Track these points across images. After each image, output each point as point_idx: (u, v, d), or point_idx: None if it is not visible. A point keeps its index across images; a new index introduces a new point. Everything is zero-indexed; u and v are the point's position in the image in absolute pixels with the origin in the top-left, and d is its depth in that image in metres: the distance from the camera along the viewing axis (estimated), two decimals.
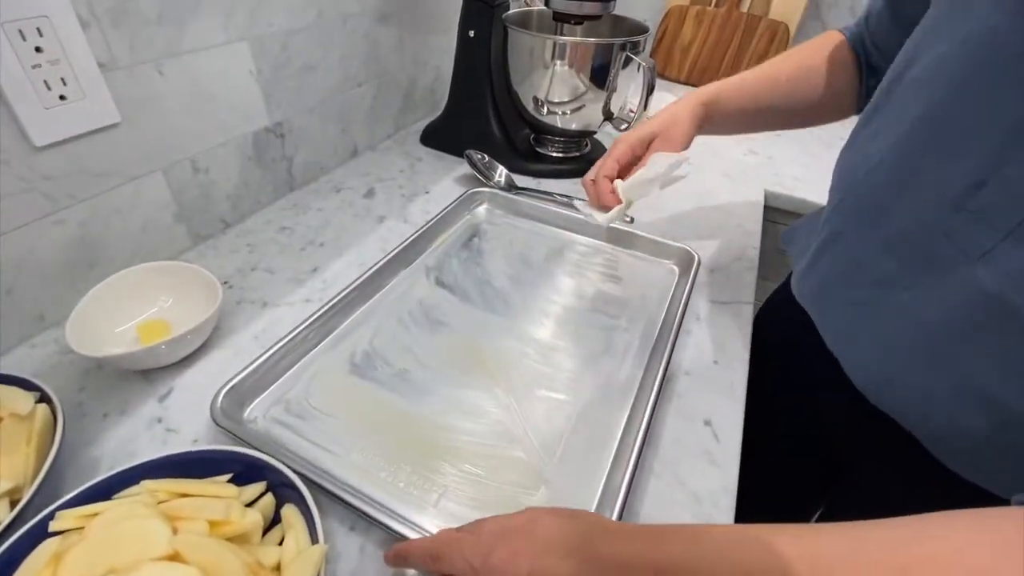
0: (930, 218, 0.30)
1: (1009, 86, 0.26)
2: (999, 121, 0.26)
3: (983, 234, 0.27)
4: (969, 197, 0.28)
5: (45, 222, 0.42)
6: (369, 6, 0.66)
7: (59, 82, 0.39)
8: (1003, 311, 0.26)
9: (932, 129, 0.30)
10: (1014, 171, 0.26)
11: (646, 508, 0.34)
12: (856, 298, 0.36)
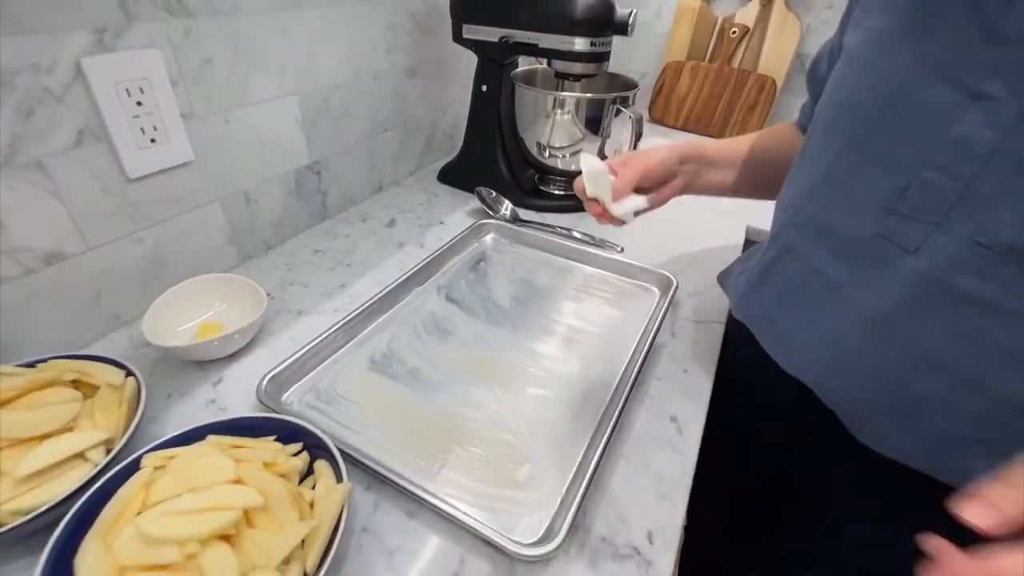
0: (869, 224, 0.35)
1: (914, 110, 0.32)
2: (910, 137, 0.33)
3: (915, 230, 0.33)
4: (898, 201, 0.33)
5: (128, 239, 0.51)
6: (398, 64, 0.77)
7: (151, 128, 0.49)
8: (942, 288, 0.32)
9: (857, 153, 0.37)
10: (930, 174, 0.32)
11: (614, 485, 0.40)
12: (810, 302, 0.40)
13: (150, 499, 0.30)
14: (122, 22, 0.45)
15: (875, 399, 0.37)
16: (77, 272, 0.48)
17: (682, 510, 0.39)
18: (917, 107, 0.32)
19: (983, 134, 0.29)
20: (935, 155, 0.31)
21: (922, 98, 0.32)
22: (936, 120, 0.31)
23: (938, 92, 0.31)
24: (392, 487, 0.37)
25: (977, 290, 0.30)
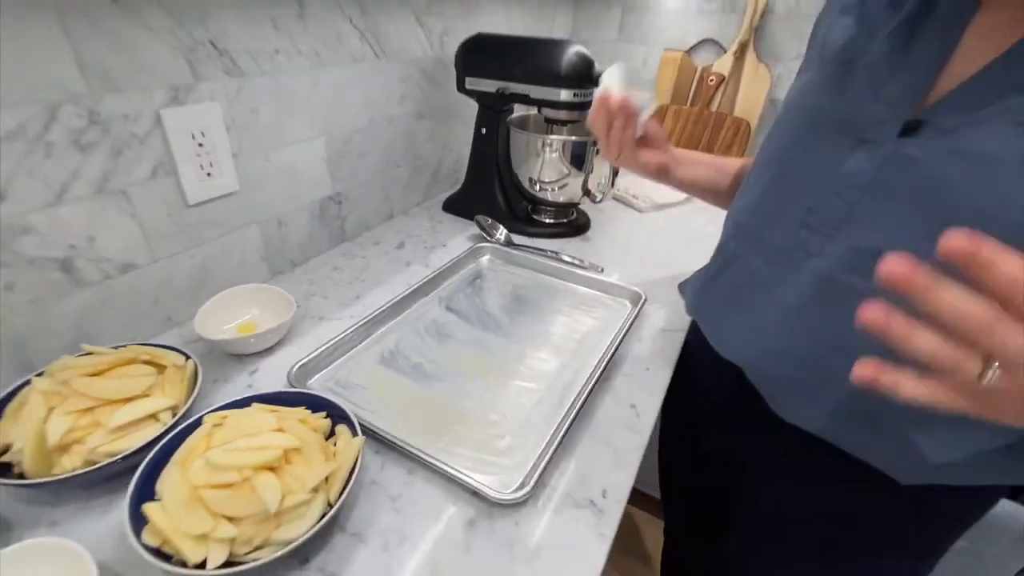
0: (788, 236, 0.44)
1: (820, 149, 0.42)
2: (817, 170, 0.43)
3: (818, 239, 0.42)
4: (808, 218, 0.43)
5: (184, 254, 0.62)
6: (409, 110, 0.90)
7: (208, 164, 0.60)
8: (835, 284, 0.40)
9: (783, 181, 0.46)
10: (829, 198, 0.41)
11: (578, 454, 0.49)
12: (745, 299, 0.49)
13: (212, 443, 0.39)
14: (192, 82, 0.57)
15: (790, 377, 0.46)
16: (143, 280, 0.58)
17: (633, 473, 0.47)
18: (823, 147, 0.43)
19: (864, 169, 0.39)
20: (832, 184, 0.41)
21: (826, 140, 0.42)
22: (834, 157, 0.41)
23: (838, 136, 0.41)
24: (396, 450, 0.46)
25: (858, 285, 0.40)
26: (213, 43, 0.57)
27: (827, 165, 0.41)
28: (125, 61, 0.50)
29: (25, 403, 0.41)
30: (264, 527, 0.35)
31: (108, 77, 0.50)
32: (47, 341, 0.51)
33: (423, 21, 0.86)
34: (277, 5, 0.62)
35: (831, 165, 0.41)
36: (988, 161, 0.32)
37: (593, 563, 0.40)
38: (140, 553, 0.34)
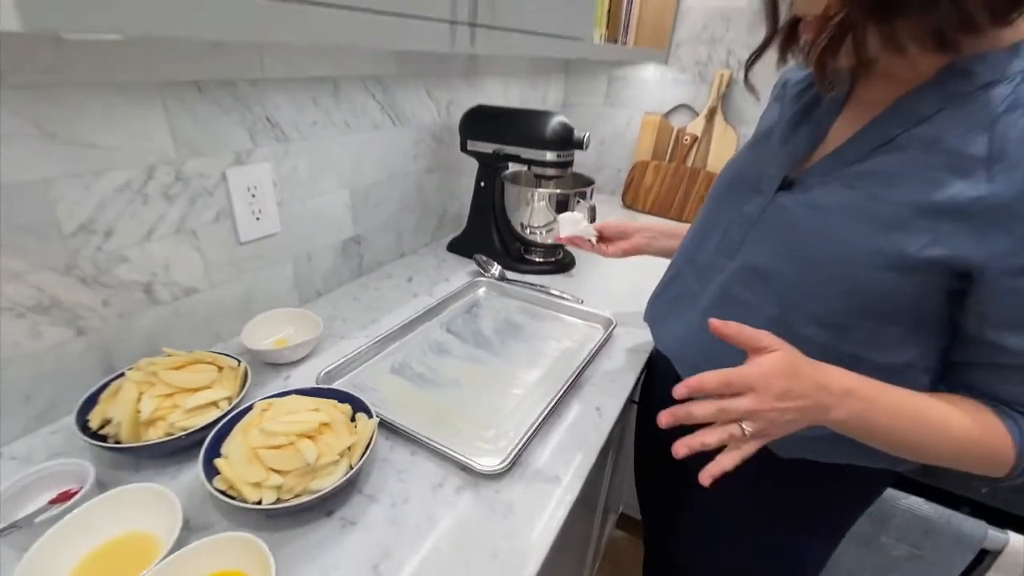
0: (709, 258, 0.57)
1: (733, 194, 0.56)
2: (729, 209, 0.56)
3: (723, 261, 0.55)
4: (720, 245, 0.56)
5: (233, 284, 0.75)
6: (420, 166, 1.06)
7: (258, 211, 0.75)
8: (729, 293, 0.53)
9: (712, 216, 0.60)
10: (733, 230, 0.55)
11: (550, 443, 0.60)
12: (680, 306, 0.61)
13: (264, 420, 0.51)
14: (250, 147, 0.72)
15: (701, 366, 0.57)
16: (201, 302, 0.72)
17: (593, 457, 0.58)
18: (736, 196, 0.56)
19: (755, 211, 0.53)
20: (736, 220, 0.55)
21: (739, 191, 0.56)
22: (740, 203, 0.55)
23: (746, 189, 0.55)
24: (402, 436, 0.58)
25: (740, 294, 0.52)
26: (268, 118, 0.73)
27: (736, 208, 0.55)
28: (204, 133, 0.66)
29: (119, 390, 0.54)
30: (303, 479, 0.47)
31: (192, 145, 0.65)
32: (126, 347, 0.64)
33: (432, 94, 1.04)
34: (318, 87, 0.79)
35: (738, 208, 0.55)
36: (822, 210, 0.45)
37: (554, 521, 0.51)
38: (214, 494, 0.45)
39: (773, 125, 0.56)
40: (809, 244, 0.46)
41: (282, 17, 0.37)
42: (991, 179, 0.38)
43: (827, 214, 0.45)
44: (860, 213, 0.44)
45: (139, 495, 0.46)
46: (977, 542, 0.82)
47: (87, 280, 0.58)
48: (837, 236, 0.44)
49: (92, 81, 0.54)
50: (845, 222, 0.45)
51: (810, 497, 0.58)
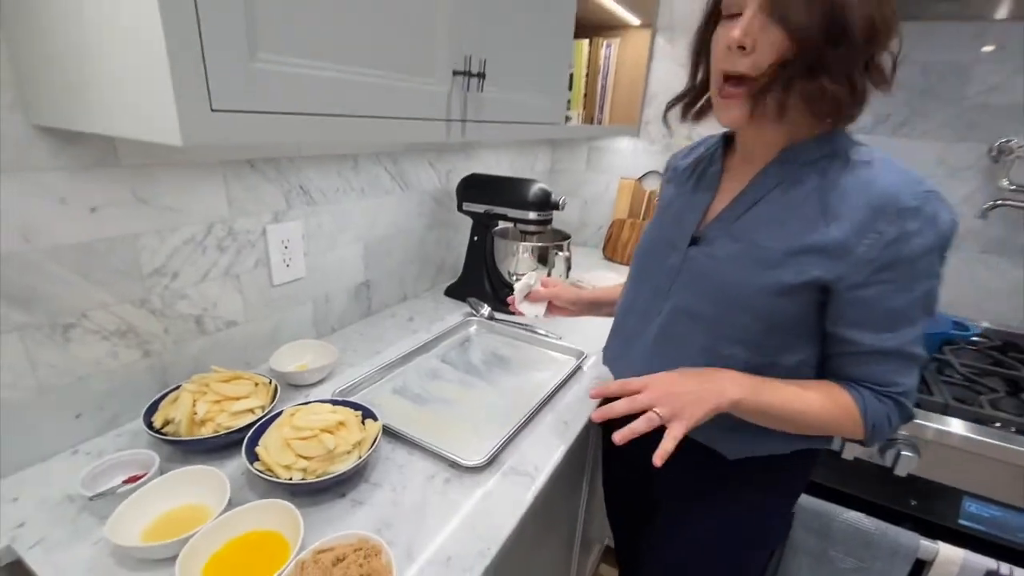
0: (646, 303, 0.71)
1: (656, 253, 0.71)
2: (657, 264, 0.71)
3: (658, 304, 0.69)
4: (654, 294, 0.72)
5: (264, 319, 0.91)
6: (424, 224, 1.24)
7: (288, 260, 0.92)
8: (665, 331, 0.67)
9: (643, 272, 0.75)
10: (663, 279, 0.70)
11: (523, 448, 0.73)
12: (630, 347, 0.75)
13: (293, 420, 0.64)
14: (285, 208, 0.90)
15: None
16: (239, 333, 0.87)
17: (558, 458, 0.71)
18: (658, 254, 0.72)
19: (676, 263, 0.68)
20: (664, 272, 0.70)
21: (660, 250, 0.72)
22: (664, 258, 0.71)
23: (665, 247, 0.71)
24: (402, 440, 0.71)
25: (675, 331, 0.67)
26: (301, 186, 0.91)
27: (661, 262, 0.71)
28: (251, 198, 0.84)
29: (178, 398, 0.68)
30: (323, 463, 0.60)
31: (241, 207, 0.82)
32: (177, 368, 0.78)
33: (434, 165, 1.23)
34: (342, 162, 0.98)
35: (662, 262, 0.70)
36: (721, 259, 0.61)
37: (523, 504, 0.63)
38: (255, 473, 0.58)
39: (672, 199, 0.73)
40: (718, 286, 0.61)
41: (319, 125, 0.55)
42: (827, 227, 0.55)
43: (725, 262, 0.61)
44: (747, 259, 0.60)
45: (195, 475, 0.59)
46: (912, 552, 0.92)
47: (155, 312, 0.74)
48: (735, 278, 0.59)
49: (176, 162, 0.72)
50: (739, 267, 0.60)
51: (749, 484, 0.69)
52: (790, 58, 0.51)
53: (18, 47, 0.54)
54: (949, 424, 0.90)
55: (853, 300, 0.55)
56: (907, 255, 0.53)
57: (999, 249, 1.29)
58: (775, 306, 0.58)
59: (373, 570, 0.49)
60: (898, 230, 0.53)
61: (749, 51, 0.52)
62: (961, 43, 1.22)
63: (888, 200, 0.53)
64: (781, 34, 0.51)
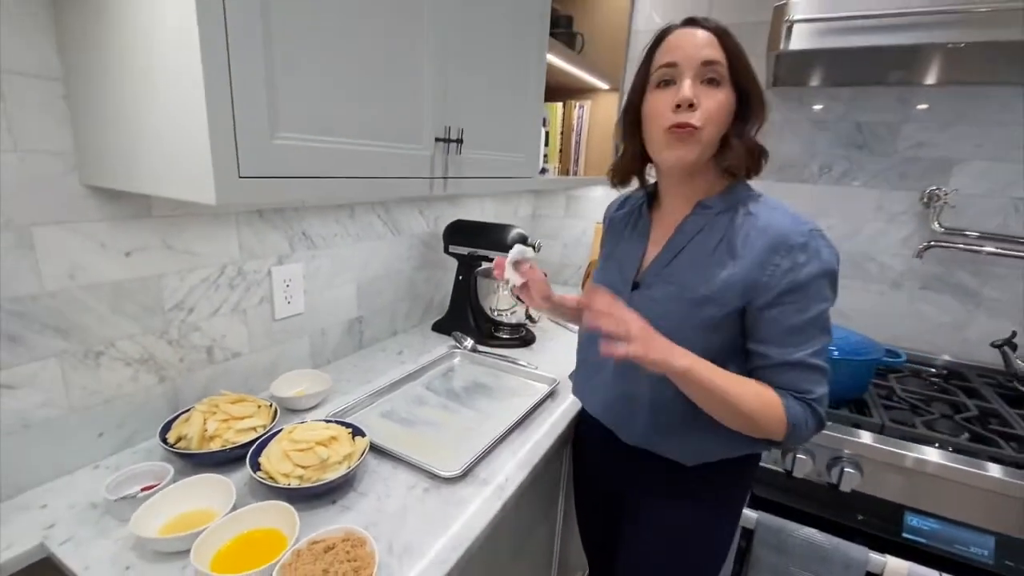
0: (585, 338, 0.83)
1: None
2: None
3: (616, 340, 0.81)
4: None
5: (266, 350, 1.00)
6: (413, 265, 1.35)
7: (290, 297, 1.03)
8: (622, 368, 0.77)
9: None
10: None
11: (493, 464, 0.81)
12: (595, 378, 0.85)
13: (292, 435, 0.74)
14: (289, 252, 1.02)
15: (615, 415, 0.81)
16: (242, 363, 0.96)
17: (525, 473, 0.80)
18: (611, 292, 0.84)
19: (623, 298, 0.80)
20: None
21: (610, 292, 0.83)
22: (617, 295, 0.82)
23: (614, 290, 0.82)
24: (388, 456, 0.80)
25: (631, 366, 0.77)
26: (303, 232, 1.04)
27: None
28: (260, 242, 0.95)
29: (190, 418, 0.77)
30: (317, 472, 0.69)
31: (250, 251, 0.94)
32: (188, 393, 0.88)
33: (423, 212, 1.37)
34: (340, 211, 1.11)
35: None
36: (659, 301, 0.72)
37: (494, 509, 0.71)
38: (258, 480, 0.67)
39: (613, 248, 0.85)
40: (660, 323, 0.72)
41: (324, 186, 0.67)
42: (735, 266, 0.67)
43: (662, 303, 0.72)
44: (680, 300, 0.71)
45: (204, 482, 0.68)
46: (862, 566, 0.98)
47: (172, 342, 0.84)
48: (674, 316, 0.70)
49: (198, 213, 0.84)
50: (675, 306, 0.71)
51: (703, 483, 0.78)
52: (726, 113, 0.66)
53: (81, 122, 0.66)
54: (885, 443, 0.99)
55: (762, 320, 0.67)
56: (800, 282, 0.65)
57: (938, 286, 1.42)
58: (709, 336, 0.69)
59: (358, 557, 0.57)
60: (791, 262, 0.65)
61: (696, 106, 0.65)
62: (889, 105, 1.39)
63: (781, 239, 0.65)
64: (715, 97, 0.65)
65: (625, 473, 0.87)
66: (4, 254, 0.63)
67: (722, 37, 0.65)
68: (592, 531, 1.04)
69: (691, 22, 0.68)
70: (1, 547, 0.60)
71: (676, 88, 0.66)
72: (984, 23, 0.94)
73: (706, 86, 0.65)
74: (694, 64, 0.65)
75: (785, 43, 1.05)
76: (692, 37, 0.65)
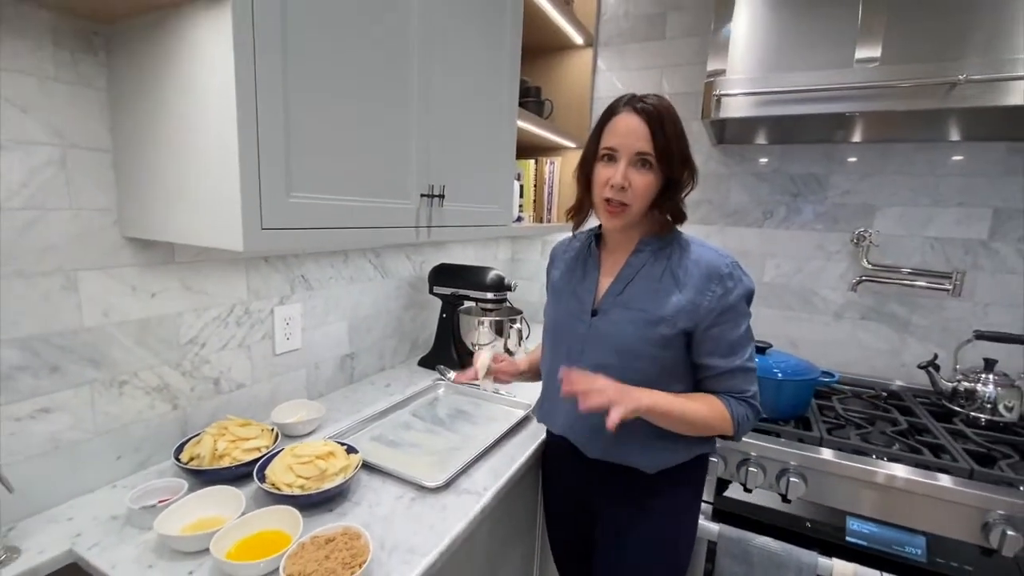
0: (566, 363, 0.95)
1: (564, 324, 0.96)
2: (568, 332, 0.95)
3: (576, 362, 0.91)
4: (569, 353, 0.93)
5: (266, 382, 1.11)
6: (400, 304, 1.48)
7: (289, 334, 1.14)
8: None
9: (557, 340, 0.98)
10: (576, 343, 0.92)
11: (474, 476, 0.91)
12: (556, 399, 0.98)
13: (294, 452, 0.83)
14: (289, 293, 1.14)
15: (584, 434, 0.92)
16: (245, 394, 1.06)
17: (502, 483, 0.90)
18: (567, 325, 0.97)
19: (583, 330, 0.93)
20: (576, 337, 0.94)
21: (569, 321, 0.96)
22: (575, 327, 0.95)
23: (573, 319, 0.95)
24: (378, 472, 0.90)
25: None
26: (303, 276, 1.16)
27: (571, 332, 0.94)
28: (264, 284, 1.08)
29: (200, 440, 0.87)
30: (317, 482, 0.79)
31: (256, 292, 1.06)
32: (196, 420, 0.97)
33: (410, 256, 1.51)
34: (335, 257, 1.24)
35: (573, 331, 0.94)
36: (617, 324, 0.86)
37: (473, 513, 0.81)
38: (264, 490, 0.76)
39: (565, 283, 0.98)
40: (620, 343, 0.85)
41: (328, 235, 0.81)
42: (681, 293, 0.81)
43: (620, 325, 0.86)
44: (636, 323, 0.85)
45: (216, 493, 0.77)
46: (812, 569, 1.07)
47: (186, 373, 0.94)
48: (631, 336, 0.84)
49: (214, 259, 0.96)
50: (632, 328, 0.85)
51: (658, 493, 0.89)
52: (653, 191, 0.81)
53: (124, 185, 0.80)
54: (822, 453, 1.11)
55: (706, 338, 0.81)
56: (731, 304, 0.80)
57: (875, 316, 1.58)
58: (662, 352, 0.83)
59: (355, 547, 0.66)
60: (723, 288, 0.80)
61: (627, 188, 0.81)
62: (817, 159, 1.60)
63: (713, 270, 0.80)
64: (644, 179, 0.80)
65: (591, 485, 0.97)
66: (54, 295, 0.75)
67: (654, 126, 0.79)
68: (562, 544, 1.13)
69: (633, 104, 0.82)
70: (35, 553, 0.68)
71: (614, 168, 0.82)
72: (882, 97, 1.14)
73: (637, 168, 0.81)
74: (630, 153, 0.80)
75: (715, 112, 1.25)
76: (632, 126, 0.80)
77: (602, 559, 0.97)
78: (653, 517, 0.91)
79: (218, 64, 0.64)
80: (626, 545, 0.93)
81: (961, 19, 1.06)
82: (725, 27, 1.25)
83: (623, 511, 0.93)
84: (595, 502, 0.98)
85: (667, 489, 0.90)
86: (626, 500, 0.92)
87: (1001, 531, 0.97)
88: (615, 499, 0.94)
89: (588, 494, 0.98)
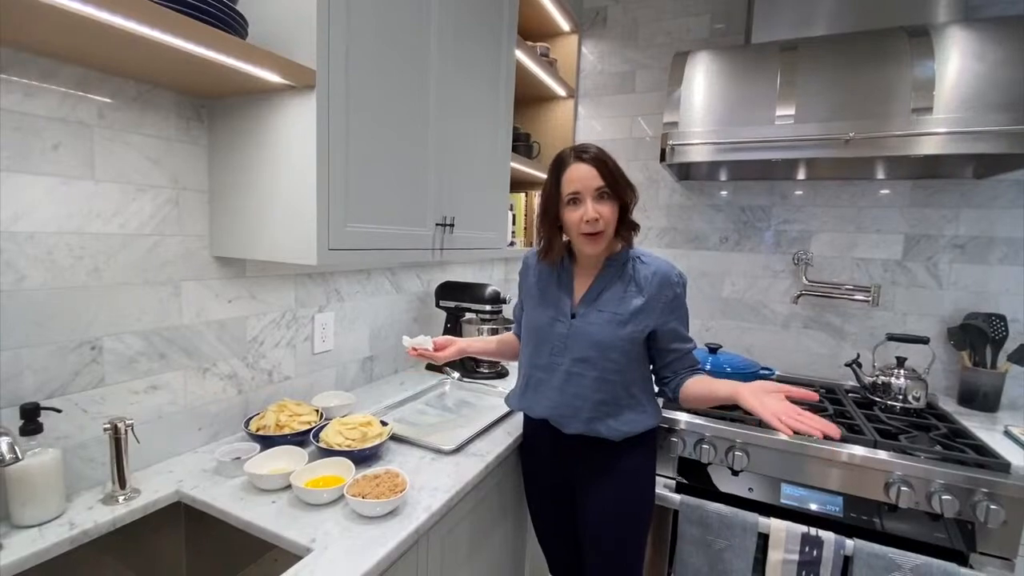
0: (547, 360, 1.19)
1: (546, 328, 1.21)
2: (550, 334, 1.21)
3: (558, 359, 1.16)
4: (552, 351, 1.19)
5: (306, 376, 1.34)
6: (411, 316, 1.73)
7: (324, 337, 1.38)
8: (569, 374, 1.13)
9: (538, 339, 1.23)
10: (557, 342, 1.18)
11: (478, 447, 1.15)
12: (539, 391, 1.20)
13: (341, 421, 1.07)
14: (326, 303, 1.39)
15: (564, 415, 1.17)
16: (290, 385, 1.30)
17: (501, 448, 1.14)
18: (548, 326, 1.22)
19: (564, 330, 1.18)
20: (557, 336, 1.19)
21: (550, 323, 1.22)
22: (555, 328, 1.20)
23: (553, 321, 1.21)
24: (404, 441, 1.13)
25: (577, 372, 1.15)
26: (336, 290, 1.41)
27: (553, 331, 1.20)
28: (308, 295, 1.32)
29: (263, 415, 1.10)
30: (360, 443, 1.02)
31: (302, 301, 1.31)
32: (253, 405, 1.20)
33: (420, 276, 1.77)
34: (360, 275, 1.50)
35: (554, 330, 1.20)
36: (594, 324, 1.11)
37: (479, 467, 1.05)
38: (321, 447, 1.00)
39: (543, 290, 1.22)
40: (598, 339, 1.10)
41: (368, 255, 1.06)
42: (643, 299, 1.07)
43: (597, 327, 1.11)
44: (610, 323, 1.10)
45: (283, 451, 1.00)
46: (754, 528, 1.30)
47: (249, 365, 1.18)
48: (607, 334, 1.09)
49: (273, 274, 1.21)
50: (607, 327, 1.10)
51: (625, 456, 1.13)
52: (615, 214, 1.08)
53: (216, 216, 1.05)
54: (764, 432, 1.37)
55: (666, 330, 1.07)
56: (678, 303, 1.07)
57: (815, 325, 1.86)
58: (631, 346, 1.08)
59: (396, 482, 0.90)
60: (673, 292, 1.07)
61: (598, 218, 1.08)
62: (763, 194, 1.91)
63: (665, 278, 1.07)
64: (607, 207, 1.08)
65: (566, 457, 1.21)
66: (166, 299, 0.99)
67: (600, 168, 1.05)
68: (544, 519, 1.35)
69: (579, 155, 1.06)
70: (151, 492, 0.91)
71: (583, 207, 1.07)
72: (796, 147, 1.44)
73: (600, 201, 1.08)
74: (591, 191, 1.07)
75: (670, 158, 1.54)
76: (584, 171, 1.05)
77: (581, 515, 1.20)
78: (619, 476, 1.15)
79: (304, 133, 0.91)
80: (596, 509, 1.17)
81: (851, 87, 1.38)
82: (676, 90, 1.56)
83: (594, 474, 1.17)
84: (570, 471, 1.21)
85: (628, 452, 1.14)
86: (595, 468, 1.16)
87: (897, 488, 1.22)
88: (586, 464, 1.18)
89: (564, 465, 1.22)
